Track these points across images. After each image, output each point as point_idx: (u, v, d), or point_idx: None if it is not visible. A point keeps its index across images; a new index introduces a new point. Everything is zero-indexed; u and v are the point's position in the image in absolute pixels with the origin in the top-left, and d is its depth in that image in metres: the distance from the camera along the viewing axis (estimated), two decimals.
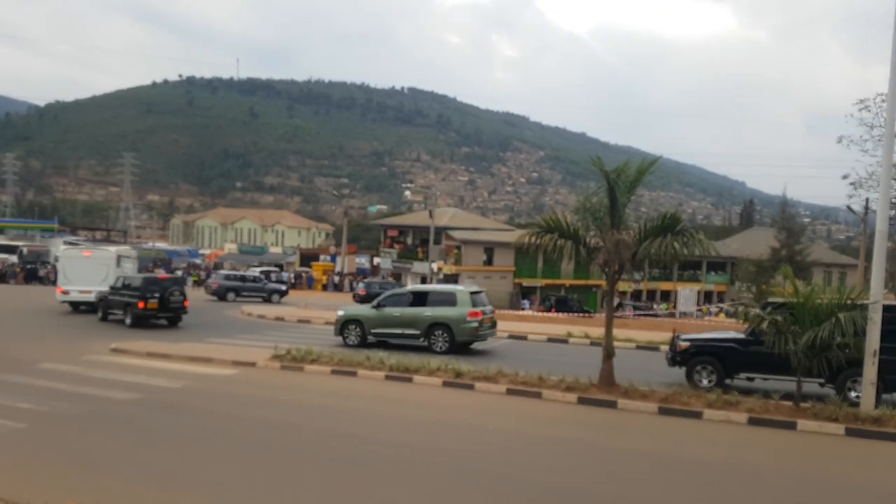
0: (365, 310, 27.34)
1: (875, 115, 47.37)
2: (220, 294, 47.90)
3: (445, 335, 24.73)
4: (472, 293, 25.81)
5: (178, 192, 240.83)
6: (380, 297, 27.44)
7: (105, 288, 32.56)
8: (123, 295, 30.63)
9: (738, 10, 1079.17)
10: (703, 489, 10.37)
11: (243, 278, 51.78)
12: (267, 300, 48.50)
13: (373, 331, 25.92)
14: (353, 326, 26.19)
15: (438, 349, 24.43)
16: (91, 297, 33.78)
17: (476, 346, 26.42)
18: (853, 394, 16.36)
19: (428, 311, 25.26)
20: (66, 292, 35.05)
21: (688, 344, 19.23)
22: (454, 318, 24.75)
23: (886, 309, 16.07)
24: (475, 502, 9.44)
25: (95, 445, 11.69)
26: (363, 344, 25.49)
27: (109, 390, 16.05)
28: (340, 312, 27.43)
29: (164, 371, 18.98)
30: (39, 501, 8.40)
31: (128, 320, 29.98)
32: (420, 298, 26.04)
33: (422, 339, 25.15)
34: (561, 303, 57.01)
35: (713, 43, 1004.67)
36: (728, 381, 18.54)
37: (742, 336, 18.70)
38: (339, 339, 26.01)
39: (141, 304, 29.49)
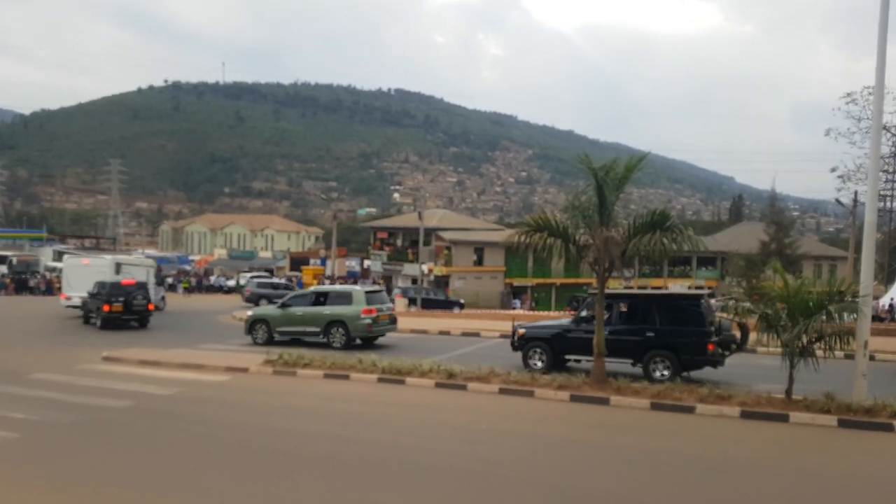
0: (271, 310, 28.86)
1: (862, 108, 47.70)
2: (254, 300, 48.80)
3: (342, 331, 26.27)
4: (368, 292, 27.81)
5: (166, 199, 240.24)
6: (285, 298, 29.90)
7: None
8: (97, 299, 33.01)
9: (725, 4, 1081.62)
10: (698, 484, 10.39)
11: (275, 286, 54.35)
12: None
13: (278, 329, 27.42)
14: (261, 325, 27.65)
15: (336, 345, 26.02)
16: (73, 303, 36.38)
17: (380, 341, 27.92)
18: (657, 373, 18.75)
19: (327, 310, 26.85)
20: (69, 298, 37.95)
21: (524, 331, 21.40)
22: (350, 316, 26.31)
23: (684, 297, 20.88)
24: (470, 502, 9.44)
25: (89, 454, 11.66)
26: (270, 342, 26.68)
27: (102, 399, 16.02)
28: (249, 312, 29.49)
29: (156, 378, 18.95)
30: None
31: (98, 322, 32.46)
32: (321, 298, 27.67)
33: (321, 336, 26.61)
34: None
35: (699, 38, 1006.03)
36: (573, 363, 20.91)
37: (566, 324, 21.20)
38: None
39: (106, 308, 32.05)
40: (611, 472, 11.03)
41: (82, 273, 37.67)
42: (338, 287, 32.01)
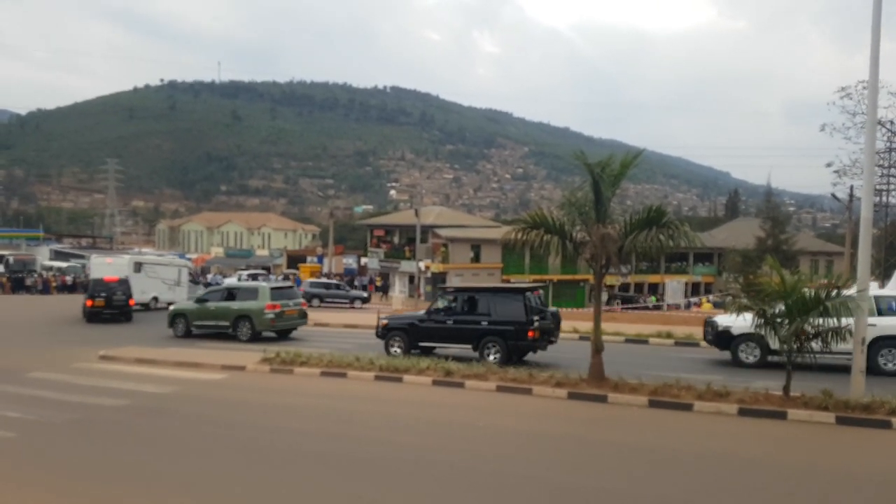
0: (190, 304, 30.57)
1: (857, 103, 47.58)
2: (307, 300, 48.88)
3: (248, 325, 27.77)
4: (274, 288, 29.67)
5: (162, 198, 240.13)
6: (202, 293, 31.76)
7: None
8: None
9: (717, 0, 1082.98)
10: (695, 481, 10.38)
11: (327, 286, 56.01)
12: (350, 305, 52.04)
13: (195, 323, 29.14)
14: (180, 319, 29.42)
15: (243, 338, 27.61)
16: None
17: (294, 334, 29.61)
18: (490, 356, 21.12)
19: (235, 305, 28.39)
20: None
21: (386, 322, 23.81)
22: (255, 311, 27.73)
23: (511, 290, 23.26)
24: (467, 500, 9.43)
25: (85, 453, 11.64)
26: (188, 335, 28.77)
27: (99, 397, 16.01)
28: (171, 307, 31.43)
29: (153, 377, 18.95)
30: None
31: (85, 317, 35.22)
32: (231, 294, 29.34)
33: (230, 329, 28.12)
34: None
35: (693, 34, 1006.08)
36: (440, 351, 22.72)
37: (421, 315, 23.53)
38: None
39: (89, 303, 35.17)
40: (609, 468, 11.02)
41: (105, 270, 39.29)
42: (246, 283, 33.39)
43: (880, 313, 20.07)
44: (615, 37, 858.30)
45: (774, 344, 17.95)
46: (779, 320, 15.03)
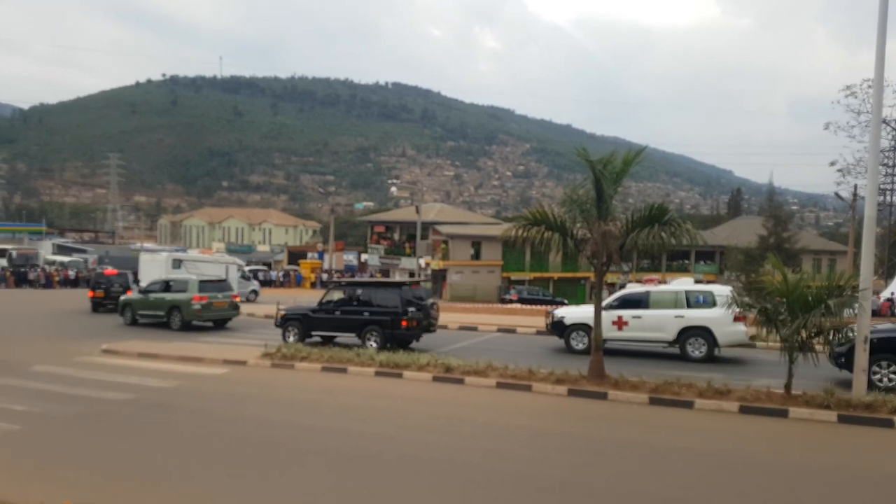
0: (136, 295, 32.35)
1: (862, 102, 47.63)
2: None
3: (178, 315, 29.58)
4: (202, 281, 30.84)
5: (164, 193, 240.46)
6: (146, 285, 33.33)
7: None
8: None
9: None
10: (696, 479, 10.37)
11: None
12: None
13: (139, 312, 31.13)
14: (127, 308, 31.60)
15: (174, 327, 29.54)
16: None
17: (232, 323, 31.77)
18: (371, 344, 23.11)
19: (169, 296, 30.31)
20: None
21: (284, 312, 25.56)
22: (184, 302, 29.56)
23: (389, 284, 25.69)
24: (466, 496, 9.42)
25: (89, 446, 11.64)
26: (134, 323, 30.92)
27: (102, 391, 16.01)
28: (122, 297, 33.40)
29: (155, 371, 18.95)
30: (34, 502, 8.38)
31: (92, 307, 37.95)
32: (168, 286, 31.12)
33: (164, 319, 29.95)
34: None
35: (697, 31, 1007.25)
36: (333, 340, 25.01)
37: (313, 306, 25.22)
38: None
39: (90, 294, 38.62)
40: (609, 466, 11.00)
41: (147, 267, 42.10)
42: (180, 276, 33.92)
43: (689, 306, 22.88)
44: (618, 33, 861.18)
45: (605, 333, 21.08)
46: (781, 319, 15.02)
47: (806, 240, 69.62)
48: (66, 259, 74.51)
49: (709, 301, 22.71)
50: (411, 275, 64.41)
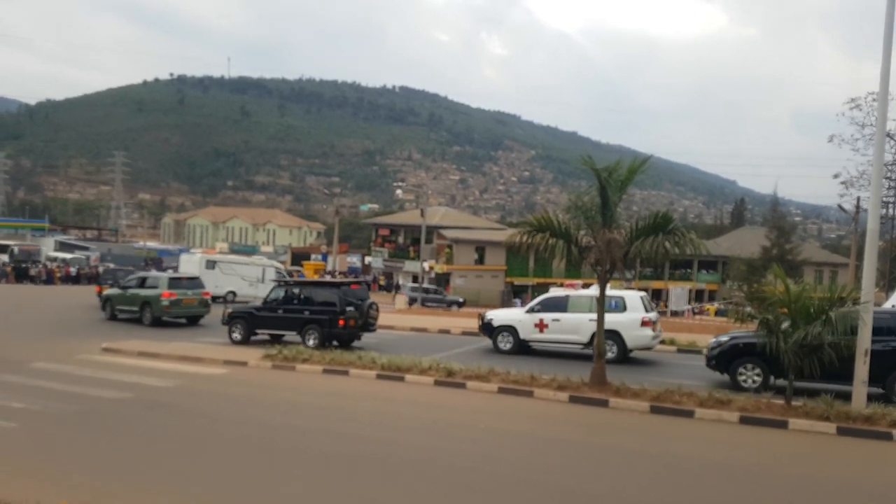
0: (116, 291, 33.29)
1: (866, 115, 47.48)
2: (409, 303, 52.83)
3: (149, 311, 30.59)
4: (172, 279, 32.16)
5: (169, 191, 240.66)
6: (126, 280, 34.33)
7: None
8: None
9: (728, 6, 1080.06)
10: (695, 488, 10.37)
11: (426, 290, 57.71)
12: (447, 309, 54.21)
13: (117, 307, 32.23)
14: (108, 303, 32.83)
15: (145, 322, 30.53)
16: None
17: (203, 321, 31.89)
18: (310, 341, 23.86)
19: (142, 293, 31.25)
20: None
21: (231, 311, 26.38)
22: (154, 298, 30.54)
23: (328, 284, 27.86)
24: (466, 501, 9.43)
25: (87, 444, 11.67)
26: (114, 318, 32.10)
27: (101, 389, 16.03)
28: (104, 292, 34.67)
29: (155, 370, 18.97)
30: (31, 501, 8.38)
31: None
32: (143, 282, 32.23)
33: (138, 314, 31.00)
34: None
35: (703, 40, 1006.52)
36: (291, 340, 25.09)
37: (258, 305, 26.37)
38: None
39: (98, 289, 39.60)
40: (609, 473, 11.00)
41: (186, 268, 43.87)
42: (152, 273, 35.45)
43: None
44: (624, 41, 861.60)
45: (523, 335, 24.60)
46: (782, 330, 15.00)
47: (808, 251, 69.63)
48: (68, 256, 74.56)
49: (620, 306, 23.59)
50: (415, 278, 64.51)
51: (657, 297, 72.01)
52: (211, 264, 44.16)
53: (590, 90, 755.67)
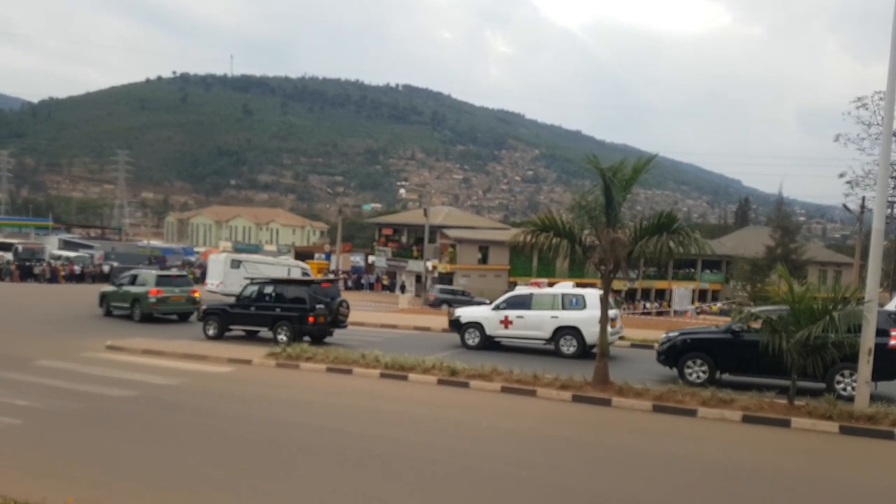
0: (110, 288, 35.13)
1: (873, 114, 47.39)
2: (437, 305, 53.24)
3: (138, 307, 31.65)
4: (160, 276, 33.40)
5: (172, 190, 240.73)
6: (121, 277, 35.99)
7: (216, 282, 44.30)
8: None
9: (733, 5, 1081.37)
10: (698, 487, 10.38)
11: (454, 292, 58.11)
12: None
13: (111, 304, 33.53)
14: (104, 299, 34.20)
15: (135, 318, 31.54)
16: (211, 289, 44.31)
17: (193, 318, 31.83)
18: (282, 337, 24.55)
19: (133, 290, 32.27)
20: (206, 285, 45.64)
21: (206, 307, 27.74)
22: (142, 295, 31.54)
23: (297, 282, 28.17)
24: (469, 500, 9.44)
25: (92, 442, 11.69)
26: (109, 314, 33.32)
27: (106, 387, 16.07)
28: (101, 290, 35.84)
29: (159, 368, 19.01)
30: (37, 498, 8.40)
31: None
32: (134, 279, 33.20)
33: (129, 311, 32.14)
34: None
35: (708, 39, 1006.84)
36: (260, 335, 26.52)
37: (231, 303, 27.47)
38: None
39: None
40: (611, 472, 11.02)
41: (211, 266, 46.69)
42: (143, 271, 36.05)
43: (564, 308, 24.73)
44: (629, 40, 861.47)
45: (489, 331, 25.58)
46: (786, 329, 14.98)
47: (813, 251, 69.52)
48: (72, 254, 74.59)
49: (580, 304, 24.58)
50: (418, 278, 64.54)
51: (661, 296, 72.11)
52: (236, 264, 45.34)
53: (594, 89, 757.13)
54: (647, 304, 67.06)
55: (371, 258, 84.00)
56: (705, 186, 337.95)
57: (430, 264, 62.50)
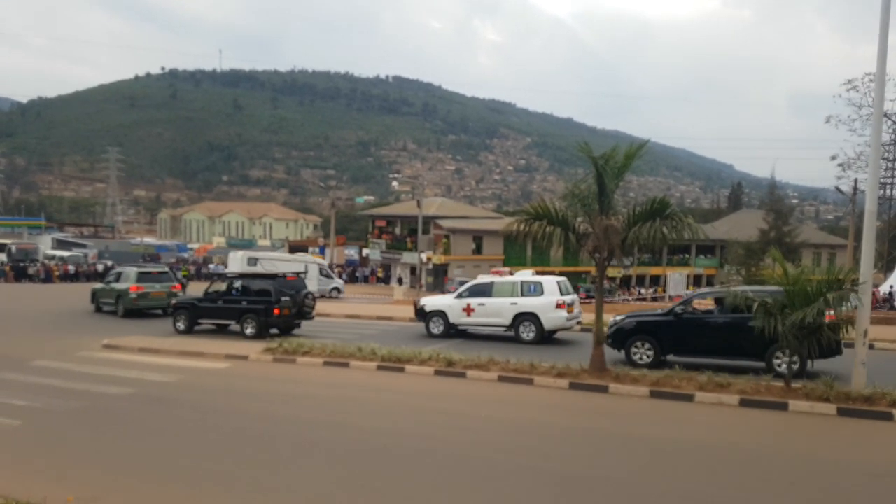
0: (100, 285, 36.02)
1: (863, 95, 47.58)
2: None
3: (121, 302, 32.70)
4: (141, 273, 33.83)
5: (164, 187, 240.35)
6: (108, 275, 37.66)
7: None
8: None
9: None
10: (697, 471, 10.41)
11: None
12: None
13: (100, 300, 34.56)
14: (95, 296, 35.43)
15: (119, 314, 32.54)
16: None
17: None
18: (248, 330, 25.39)
19: (117, 286, 33.43)
20: None
21: (176, 302, 28.44)
22: (123, 291, 32.67)
23: (261, 276, 28.38)
24: (472, 489, 9.45)
25: (91, 441, 11.69)
26: (99, 310, 34.45)
27: (103, 386, 16.06)
28: (93, 287, 37.21)
29: (156, 366, 19.00)
30: (38, 498, 8.41)
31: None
32: (119, 276, 34.31)
33: (114, 306, 33.32)
34: None
35: (697, 23, 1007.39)
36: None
37: (199, 297, 27.62)
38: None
39: None
40: (610, 458, 11.04)
41: (232, 264, 47.10)
42: (126, 268, 36.30)
43: (523, 295, 25.36)
44: (618, 26, 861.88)
45: (452, 319, 26.29)
46: (781, 312, 15.01)
47: (806, 234, 69.58)
48: (65, 254, 74.52)
49: (538, 290, 25.32)
50: (413, 270, 64.57)
51: (655, 283, 72.16)
52: (253, 261, 46.27)
53: (585, 76, 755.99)
54: (643, 291, 67.14)
55: (365, 251, 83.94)
56: (698, 171, 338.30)
57: (424, 256, 62.46)
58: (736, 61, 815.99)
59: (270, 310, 25.48)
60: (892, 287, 45.22)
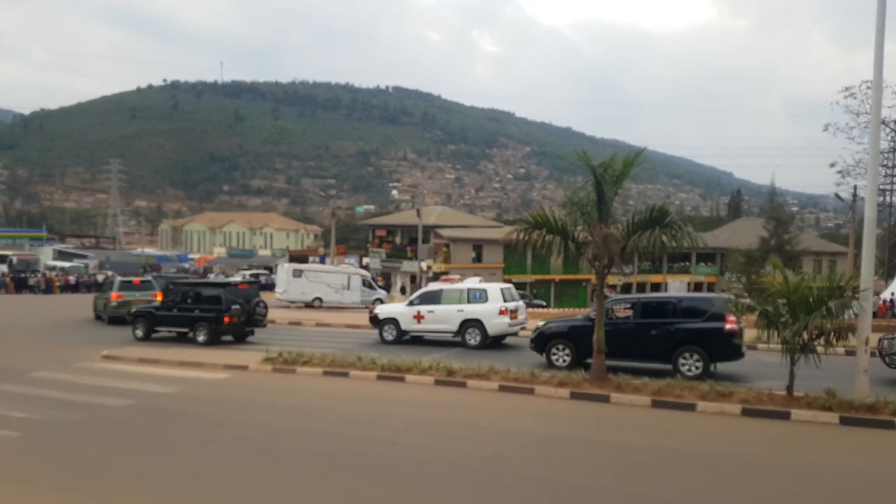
0: (98, 295, 37.20)
1: (861, 103, 47.57)
2: None
3: (105, 310, 34.21)
4: (122, 282, 34.91)
5: (165, 198, 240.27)
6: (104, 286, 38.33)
7: (281, 291, 48.02)
8: None
9: None
10: (699, 481, 10.36)
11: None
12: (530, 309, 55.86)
13: (97, 309, 35.86)
14: (94, 306, 36.79)
15: (105, 321, 33.79)
16: (279, 296, 47.46)
17: None
18: (200, 338, 26.01)
19: (104, 295, 34.84)
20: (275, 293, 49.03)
21: (135, 310, 28.73)
22: (107, 299, 34.18)
23: (214, 285, 29.75)
24: (470, 500, 9.42)
25: (90, 453, 11.64)
26: (99, 318, 35.51)
27: (102, 397, 16.01)
28: (95, 296, 38.08)
29: (156, 377, 18.96)
30: None
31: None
32: (107, 286, 36.01)
33: (103, 313, 34.75)
34: None
35: (694, 33, 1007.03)
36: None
37: (157, 305, 28.22)
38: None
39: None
40: (611, 468, 11.00)
41: (281, 276, 49.13)
42: (115, 279, 37.15)
43: (469, 302, 26.20)
44: (616, 35, 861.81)
45: (404, 326, 26.93)
46: (782, 321, 14.97)
47: (806, 241, 69.57)
48: (66, 265, 74.65)
49: (483, 297, 26.19)
50: (413, 279, 64.58)
51: (656, 290, 72.07)
52: (298, 273, 47.94)
53: (583, 85, 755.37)
54: None
55: (366, 260, 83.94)
56: (697, 179, 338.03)
57: (424, 265, 62.46)
58: (733, 70, 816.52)
59: (221, 317, 26.13)
60: (892, 294, 45.20)
